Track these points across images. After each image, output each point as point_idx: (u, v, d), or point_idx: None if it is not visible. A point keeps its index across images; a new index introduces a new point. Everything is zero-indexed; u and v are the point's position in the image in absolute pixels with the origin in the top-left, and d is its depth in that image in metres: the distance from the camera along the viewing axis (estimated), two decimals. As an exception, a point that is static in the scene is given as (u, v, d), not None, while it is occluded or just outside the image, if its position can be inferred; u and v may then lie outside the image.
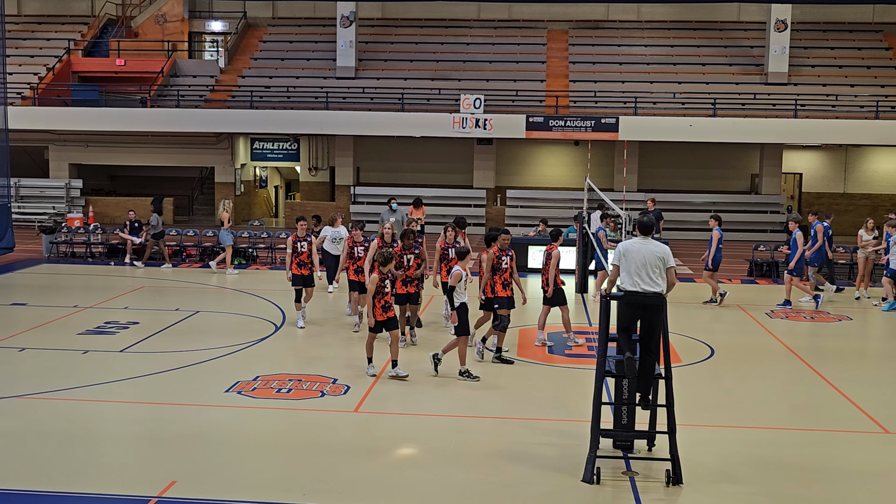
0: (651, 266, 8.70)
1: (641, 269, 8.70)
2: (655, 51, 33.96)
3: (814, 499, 8.37)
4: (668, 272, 8.81)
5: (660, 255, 8.75)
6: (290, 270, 15.23)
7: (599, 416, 8.72)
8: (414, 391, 11.61)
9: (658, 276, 8.73)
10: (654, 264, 8.71)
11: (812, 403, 11.54)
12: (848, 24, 34.62)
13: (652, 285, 8.69)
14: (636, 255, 8.74)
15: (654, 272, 8.70)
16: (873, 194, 33.82)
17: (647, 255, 8.72)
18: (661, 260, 8.75)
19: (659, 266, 8.73)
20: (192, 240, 24.69)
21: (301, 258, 15.18)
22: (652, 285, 8.69)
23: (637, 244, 8.87)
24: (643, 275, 8.70)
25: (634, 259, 8.75)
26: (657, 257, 8.74)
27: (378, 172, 34.62)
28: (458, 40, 34.97)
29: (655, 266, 8.72)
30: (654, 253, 8.75)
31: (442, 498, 8.25)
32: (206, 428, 10.10)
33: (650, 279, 8.69)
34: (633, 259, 8.76)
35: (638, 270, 8.72)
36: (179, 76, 33.78)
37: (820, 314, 17.45)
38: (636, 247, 8.82)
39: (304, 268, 15.22)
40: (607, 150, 32.53)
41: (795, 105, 29.21)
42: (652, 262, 8.71)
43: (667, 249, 8.87)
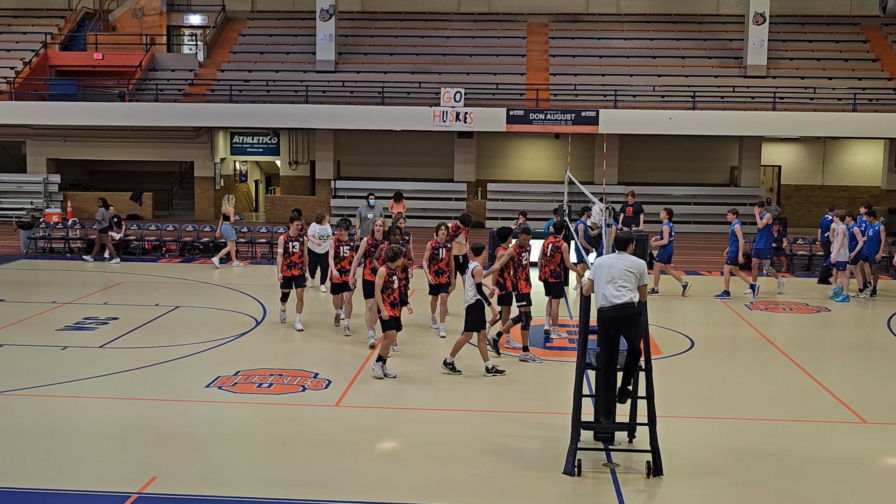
0: (620, 279, 8.71)
1: (610, 282, 8.74)
2: (635, 44, 34.04)
3: (792, 489, 8.43)
4: (640, 289, 8.80)
5: (632, 270, 8.76)
6: (281, 271, 14.67)
7: (580, 408, 8.75)
8: (395, 385, 11.60)
9: (628, 287, 8.70)
10: (624, 277, 8.72)
11: (791, 394, 11.62)
12: (826, 17, 34.81)
13: (619, 296, 8.67)
14: (608, 270, 8.80)
15: (623, 283, 8.70)
16: (851, 186, 34.05)
17: (619, 269, 8.75)
18: (634, 274, 8.75)
19: (629, 279, 8.72)
20: (172, 234, 24.57)
21: (292, 258, 14.65)
22: (619, 296, 8.67)
23: (612, 259, 8.91)
24: (610, 287, 8.72)
25: (606, 273, 8.80)
26: (629, 271, 8.75)
27: (359, 166, 34.55)
28: (438, 34, 34.92)
29: (625, 278, 8.71)
30: (627, 267, 8.77)
31: (423, 491, 8.26)
32: (186, 423, 10.06)
33: (618, 290, 8.69)
34: (604, 273, 8.81)
35: (607, 283, 8.76)
36: (158, 70, 33.58)
37: (799, 305, 17.57)
38: (609, 261, 8.87)
39: (294, 268, 14.70)
40: (587, 143, 32.60)
41: (774, 98, 29.35)
42: (621, 275, 8.72)
43: (642, 265, 8.86)
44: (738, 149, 32.72)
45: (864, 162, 34.02)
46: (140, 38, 35.06)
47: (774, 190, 34.73)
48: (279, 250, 14.72)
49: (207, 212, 32.60)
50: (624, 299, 8.67)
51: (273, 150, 35.26)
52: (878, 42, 33.50)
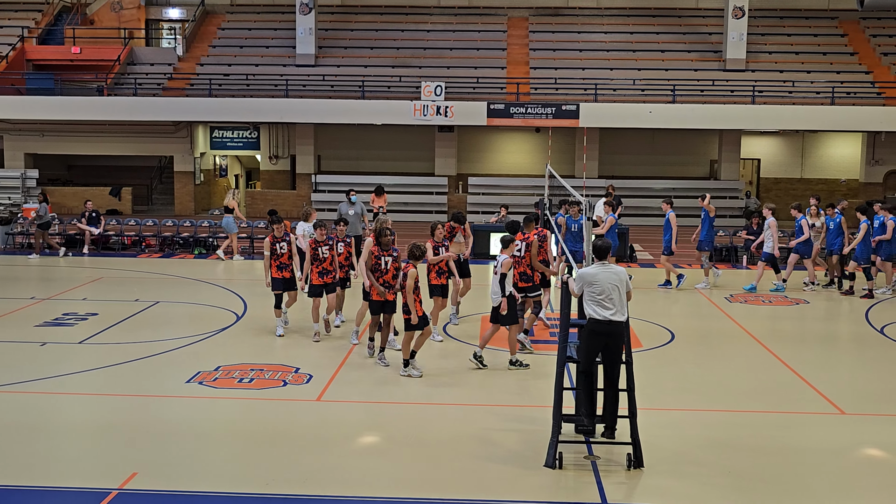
0: (615, 292, 8.72)
1: (606, 297, 8.71)
2: (615, 38, 34.10)
3: (771, 479, 8.49)
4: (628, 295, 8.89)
5: (622, 280, 8.81)
6: (269, 274, 13.79)
7: (561, 401, 8.78)
8: (376, 379, 11.61)
9: (615, 301, 8.71)
10: (611, 290, 8.71)
11: (770, 386, 11.70)
12: (804, 10, 34.98)
13: (618, 314, 8.70)
14: (600, 283, 8.73)
15: (611, 298, 8.71)
16: (829, 179, 34.27)
17: (610, 281, 8.74)
18: (618, 287, 8.76)
19: (615, 292, 8.73)
20: (152, 229, 24.46)
21: (281, 260, 13.79)
22: (618, 314, 8.70)
23: (596, 270, 8.85)
24: (607, 303, 8.70)
25: (598, 286, 8.73)
26: (614, 284, 8.75)
27: (339, 160, 34.48)
28: (419, 27, 34.86)
29: (612, 292, 8.72)
30: (611, 280, 8.75)
31: (405, 485, 8.27)
32: (167, 419, 10.03)
33: (615, 306, 8.70)
34: (596, 286, 8.73)
35: (603, 298, 8.72)
36: (136, 64, 33.36)
37: (778, 298, 17.68)
38: (596, 273, 8.80)
39: (284, 270, 13.80)
40: (568, 136, 32.65)
41: (753, 91, 29.48)
42: (608, 289, 8.72)
43: (625, 274, 8.91)
44: (718, 142, 32.85)
45: (842, 155, 34.25)
46: (118, 31, 34.81)
47: (754, 183, 34.91)
48: (265, 252, 13.89)
49: (187, 207, 32.46)
50: (614, 317, 8.68)
51: (253, 145, 35.12)
52: (856, 36, 33.71)
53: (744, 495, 8.13)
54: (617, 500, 7.98)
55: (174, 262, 21.87)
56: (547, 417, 9.04)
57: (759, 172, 34.86)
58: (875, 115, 29.02)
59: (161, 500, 7.90)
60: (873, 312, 16.51)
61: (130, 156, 33.91)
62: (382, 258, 12.31)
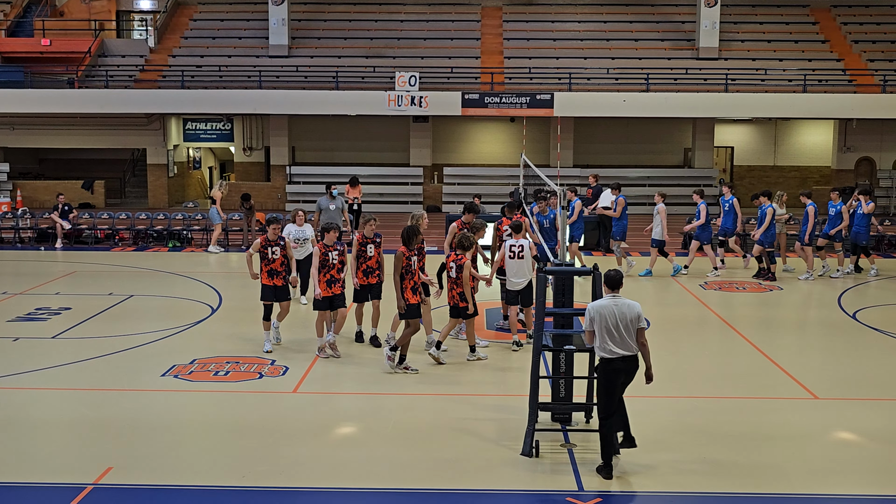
0: (624, 328, 8.19)
1: (615, 332, 8.20)
2: (589, 27, 34.11)
3: (746, 464, 8.56)
4: (637, 332, 8.25)
5: (632, 316, 8.22)
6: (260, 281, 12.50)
7: (537, 389, 8.80)
8: (352, 371, 11.59)
9: (627, 336, 8.21)
10: (623, 325, 8.20)
11: (744, 372, 11.79)
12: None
13: (628, 349, 8.22)
14: (608, 318, 8.20)
15: (628, 334, 8.20)
16: (802, 166, 34.50)
17: (620, 316, 8.19)
18: (631, 321, 8.22)
19: (627, 327, 8.20)
20: (125, 223, 24.27)
21: (272, 266, 12.41)
22: (628, 349, 8.22)
23: (606, 303, 8.30)
24: (616, 338, 8.20)
25: (607, 321, 8.21)
26: (630, 318, 8.21)
27: (314, 152, 34.33)
28: (392, 17, 34.73)
29: (629, 328, 8.21)
30: (626, 314, 8.22)
31: (382, 475, 8.27)
32: (142, 413, 9.97)
33: (625, 343, 8.21)
34: (604, 321, 8.21)
35: (611, 334, 8.21)
36: (108, 56, 33.03)
37: (752, 284, 17.79)
38: (606, 308, 8.26)
39: (275, 277, 12.43)
40: (543, 126, 32.67)
41: (726, 79, 29.61)
42: (625, 323, 8.20)
43: (638, 308, 8.31)
44: (692, 130, 32.98)
45: (814, 142, 34.48)
46: (88, 23, 34.44)
47: (728, 171, 35.10)
48: (251, 252, 12.69)
49: (161, 199, 32.22)
50: (629, 352, 8.23)
51: (227, 137, 34.90)
52: (827, 24, 33.91)
53: (719, 481, 8.20)
54: (594, 488, 8.02)
55: (148, 255, 21.73)
56: (524, 406, 9.06)
57: (733, 160, 35.04)
58: (846, 103, 29.24)
59: (136, 494, 7.86)
60: (846, 298, 16.67)
61: (103, 149, 33.59)
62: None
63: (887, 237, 23.28)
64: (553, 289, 9.88)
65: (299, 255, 14.31)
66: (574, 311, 9.81)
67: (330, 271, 12.00)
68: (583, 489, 7.97)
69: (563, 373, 9.29)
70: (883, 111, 29.22)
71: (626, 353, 8.20)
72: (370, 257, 12.38)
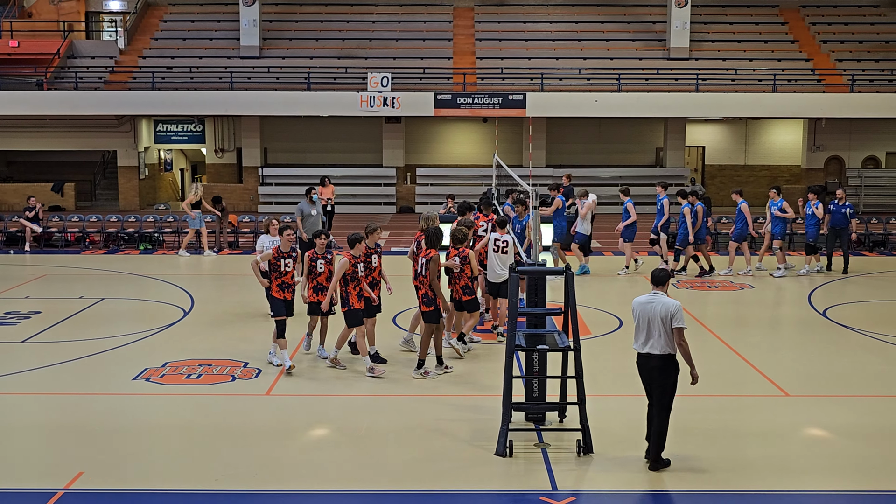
0: (656, 326, 8.22)
1: (644, 329, 8.29)
2: (560, 27, 34.22)
3: (718, 461, 8.62)
4: (674, 332, 8.23)
5: (664, 316, 8.20)
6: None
7: (511, 389, 8.81)
8: (326, 373, 11.56)
9: (664, 338, 8.22)
10: (654, 323, 8.23)
11: (716, 370, 11.86)
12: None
13: (654, 347, 8.25)
14: (641, 314, 8.33)
15: (659, 333, 8.21)
16: (772, 165, 34.79)
17: (652, 315, 8.23)
18: (663, 319, 8.20)
19: (658, 325, 8.22)
20: (96, 225, 24.07)
21: (284, 279, 11.69)
22: (654, 347, 8.25)
23: (644, 299, 8.42)
24: (643, 335, 8.31)
25: (640, 317, 8.34)
26: (663, 318, 8.20)
27: (286, 153, 34.20)
28: (364, 18, 34.66)
29: (654, 325, 8.23)
30: (659, 313, 8.22)
31: (356, 477, 8.26)
32: (113, 417, 9.89)
33: (651, 340, 8.26)
34: (638, 317, 8.36)
35: (640, 330, 8.34)
36: (77, 57, 32.74)
37: (724, 283, 17.92)
38: (642, 305, 8.38)
39: (288, 290, 11.76)
40: (515, 126, 32.74)
41: (697, 79, 29.80)
42: (657, 322, 8.22)
43: (675, 307, 8.26)
44: (663, 130, 33.16)
45: (784, 141, 34.78)
46: (57, 24, 34.13)
47: (699, 170, 35.33)
48: (259, 261, 11.80)
49: (132, 202, 31.99)
50: (652, 350, 8.27)
51: (198, 138, 34.70)
52: (796, 24, 34.21)
53: (692, 478, 8.25)
54: (567, 487, 8.04)
55: (119, 258, 21.57)
56: (497, 406, 9.08)
57: (704, 160, 35.28)
58: (816, 102, 29.54)
59: (108, 499, 7.80)
60: (816, 296, 16.83)
61: (73, 151, 33.30)
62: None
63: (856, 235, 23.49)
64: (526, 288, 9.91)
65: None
66: (546, 310, 9.85)
67: (317, 278, 11.71)
68: (556, 488, 7.99)
69: (537, 372, 9.32)
70: (851, 110, 29.56)
71: (649, 351, 8.25)
72: (374, 268, 11.83)
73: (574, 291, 9.05)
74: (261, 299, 15.15)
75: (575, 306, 9.04)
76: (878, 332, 13.80)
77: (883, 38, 33.29)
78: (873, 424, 9.74)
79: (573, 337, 8.90)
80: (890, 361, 12.44)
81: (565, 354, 9.15)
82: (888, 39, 33.18)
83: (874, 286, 18.27)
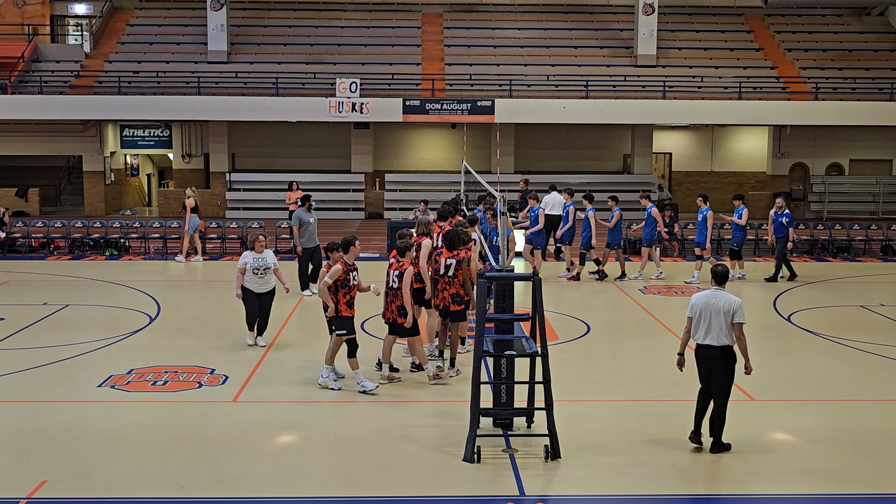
0: (716, 321, 8.78)
1: (706, 322, 8.85)
2: (529, 34, 34.37)
3: (684, 466, 8.68)
4: (734, 326, 8.78)
5: (727, 311, 8.76)
6: (339, 311, 10.85)
7: (479, 395, 8.82)
8: (293, 380, 11.50)
9: (724, 330, 8.77)
10: (719, 320, 8.77)
11: (683, 375, 11.85)
12: (711, 7, 35.73)
13: (714, 339, 8.80)
14: (703, 308, 8.88)
15: (718, 327, 8.77)
16: (738, 172, 35.13)
17: (715, 309, 8.79)
18: (725, 315, 8.75)
19: (720, 320, 8.77)
20: (61, 231, 23.82)
21: (351, 294, 10.93)
22: (714, 339, 8.80)
23: (707, 296, 8.95)
24: (704, 328, 8.85)
25: (701, 311, 8.88)
26: (723, 312, 8.76)
27: (254, 158, 34.04)
28: (333, 23, 34.63)
29: (717, 319, 8.77)
30: (722, 308, 8.77)
31: (323, 484, 8.23)
32: (78, 424, 9.78)
33: (713, 334, 8.81)
34: (699, 311, 8.90)
35: (700, 323, 8.89)
36: (42, 61, 32.41)
37: (691, 289, 18.04)
38: (705, 300, 8.91)
39: (352, 308, 10.98)
40: (484, 132, 32.82)
41: (664, 86, 30.04)
42: (717, 317, 8.77)
43: (736, 304, 8.80)
44: (631, 137, 33.39)
45: (749, 148, 35.13)
46: (22, 27, 33.80)
47: (666, 177, 35.59)
48: (329, 282, 10.73)
49: (97, 207, 31.71)
50: (712, 342, 8.82)
51: (165, 143, 34.46)
52: (761, 32, 34.60)
53: (658, 483, 8.30)
54: (535, 493, 8.06)
55: (84, 263, 21.36)
56: (465, 412, 9.07)
57: (671, 166, 35.55)
58: (780, 110, 29.89)
59: (72, 507, 7.71)
60: (781, 301, 16.99)
61: (37, 156, 32.96)
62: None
63: (820, 241, 23.82)
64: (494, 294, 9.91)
65: (262, 288, 12.89)
66: (514, 316, 9.87)
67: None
68: (524, 494, 8.00)
69: (505, 378, 9.33)
70: (815, 118, 29.92)
71: (709, 343, 8.81)
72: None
73: (541, 297, 9.07)
74: (228, 306, 15.08)
75: (542, 312, 9.06)
76: (843, 338, 13.97)
77: (846, 46, 33.76)
78: (838, 428, 9.85)
79: (541, 342, 8.92)
80: (854, 366, 12.60)
81: (533, 360, 9.17)
82: (851, 48, 33.66)
83: (838, 292, 18.48)
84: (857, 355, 13.11)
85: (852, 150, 33.90)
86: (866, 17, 35.73)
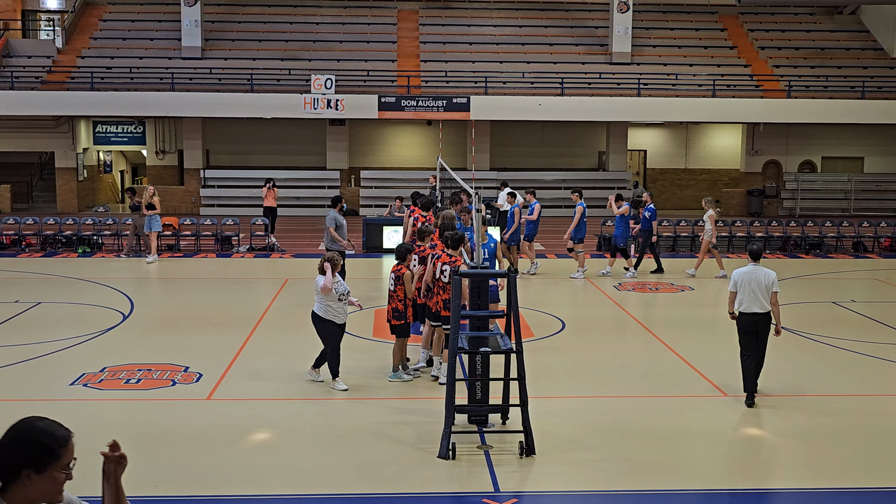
0: (759, 292, 10.39)
1: (751, 295, 10.43)
2: (504, 31, 34.40)
3: (659, 461, 8.72)
4: (772, 295, 10.42)
5: (766, 283, 10.40)
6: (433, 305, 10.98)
7: (454, 392, 8.82)
8: (268, 377, 11.46)
9: (759, 298, 10.40)
10: (761, 291, 10.38)
11: (657, 371, 12.01)
12: (686, 5, 35.92)
13: (759, 307, 10.41)
14: (746, 284, 10.46)
15: (762, 296, 10.39)
16: (712, 169, 35.34)
17: (755, 283, 10.41)
18: (766, 286, 10.38)
19: (762, 290, 10.38)
20: (33, 228, 23.60)
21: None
22: (759, 307, 10.41)
23: (747, 271, 10.53)
24: (749, 297, 10.43)
25: (744, 287, 10.47)
26: (764, 284, 10.39)
27: (229, 155, 33.88)
28: (308, 20, 34.50)
29: (762, 291, 10.38)
30: (762, 281, 10.40)
31: (298, 481, 8.20)
32: (49, 423, 9.67)
33: (758, 302, 10.40)
34: (743, 286, 10.47)
35: (746, 294, 10.46)
36: (13, 57, 32.09)
37: (664, 285, 18.14)
38: (747, 276, 10.48)
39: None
40: (459, 129, 32.83)
41: (639, 84, 30.15)
42: (759, 288, 10.39)
43: (775, 276, 10.48)
44: (606, 134, 33.51)
45: (724, 146, 35.36)
46: (-8, 22, 33.48)
47: (641, 174, 35.74)
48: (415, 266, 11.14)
49: (70, 204, 31.45)
50: (758, 309, 10.40)
51: (139, 140, 34.23)
52: (735, 30, 34.81)
53: (634, 479, 8.33)
54: (510, 489, 8.07)
55: (57, 261, 21.17)
56: (440, 409, 9.08)
57: (646, 163, 35.71)
58: (754, 107, 30.11)
59: (44, 507, 7.62)
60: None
61: (8, 152, 32.63)
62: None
63: (793, 238, 24.01)
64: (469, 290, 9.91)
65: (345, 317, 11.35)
66: (489, 313, 9.88)
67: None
68: (499, 490, 8.01)
69: (480, 375, 9.34)
70: (788, 115, 30.18)
71: (756, 311, 10.39)
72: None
73: (516, 294, 9.09)
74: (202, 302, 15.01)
75: (517, 309, 9.08)
76: (814, 333, 14.09)
77: (819, 45, 34.04)
78: (810, 423, 9.93)
79: (515, 339, 8.93)
80: (826, 362, 12.71)
81: (508, 357, 9.19)
82: (823, 47, 33.94)
83: (810, 288, 18.64)
84: (830, 351, 13.22)
85: (825, 148, 34.21)
86: (838, 15, 36.03)
